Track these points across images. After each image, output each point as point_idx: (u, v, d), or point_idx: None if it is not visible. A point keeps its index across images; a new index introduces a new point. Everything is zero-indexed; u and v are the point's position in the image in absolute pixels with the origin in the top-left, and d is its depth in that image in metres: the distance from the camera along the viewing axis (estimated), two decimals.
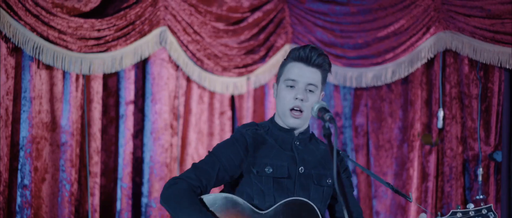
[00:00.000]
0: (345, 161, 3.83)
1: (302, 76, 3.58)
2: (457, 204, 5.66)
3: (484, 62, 5.66)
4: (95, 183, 5.68)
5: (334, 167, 2.90)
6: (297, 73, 3.60)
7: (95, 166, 5.70)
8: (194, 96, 6.18)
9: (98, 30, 5.54)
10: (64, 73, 5.53)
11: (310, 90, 3.59)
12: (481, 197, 5.66)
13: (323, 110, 3.28)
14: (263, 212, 3.47)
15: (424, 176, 5.99)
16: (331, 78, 6.28)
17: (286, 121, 3.62)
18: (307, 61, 3.61)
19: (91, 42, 5.52)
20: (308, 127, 3.76)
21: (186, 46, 5.98)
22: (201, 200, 3.46)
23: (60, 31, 5.36)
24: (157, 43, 5.87)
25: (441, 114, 5.91)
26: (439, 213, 3.49)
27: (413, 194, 5.97)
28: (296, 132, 3.68)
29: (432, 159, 5.96)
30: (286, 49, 6.41)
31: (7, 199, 5.22)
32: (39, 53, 5.27)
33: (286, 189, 3.56)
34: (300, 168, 3.61)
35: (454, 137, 5.86)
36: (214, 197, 3.47)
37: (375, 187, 6.24)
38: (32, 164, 5.30)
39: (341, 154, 3.72)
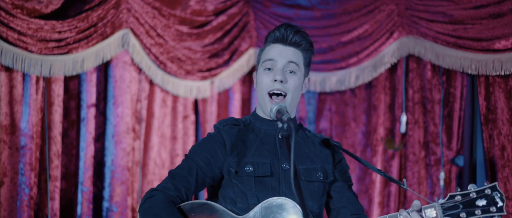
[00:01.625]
0: (340, 153, 3.49)
1: (280, 54, 3.31)
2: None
3: (446, 67, 5.71)
4: (55, 187, 5.60)
5: (291, 169, 2.79)
6: (274, 52, 3.32)
7: (56, 169, 5.62)
8: (157, 99, 6.14)
9: (59, 32, 5.48)
10: (24, 76, 5.45)
11: (291, 71, 3.31)
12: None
13: (281, 111, 3.11)
14: (241, 216, 3.23)
15: (386, 181, 6.02)
16: None
17: (267, 108, 3.32)
18: (283, 40, 3.33)
19: (52, 44, 5.46)
20: (295, 117, 3.48)
21: (149, 49, 5.95)
22: (179, 209, 3.22)
23: (20, 33, 5.29)
24: (120, 46, 5.82)
25: (404, 118, 5.94)
26: (436, 198, 3.16)
27: (376, 199, 5.99)
28: (280, 123, 3.25)
29: (395, 163, 5.99)
30: (250, 53, 6.40)
31: None
32: None
33: (271, 188, 3.27)
34: (283, 165, 3.30)
35: (416, 141, 5.89)
36: (190, 206, 3.24)
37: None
38: None
39: (334, 145, 3.45)
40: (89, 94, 5.83)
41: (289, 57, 3.31)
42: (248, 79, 6.56)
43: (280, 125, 3.22)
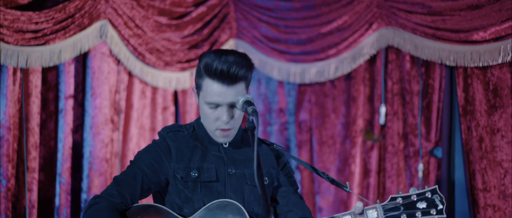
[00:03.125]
0: (285, 158, 3.54)
1: (225, 98, 3.20)
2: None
3: (425, 59, 5.73)
4: (33, 179, 5.60)
5: (255, 161, 2.82)
6: (217, 96, 3.20)
7: (33, 161, 5.61)
8: (136, 91, 6.13)
9: (36, 23, 5.46)
10: (1, 67, 5.44)
11: (234, 107, 3.25)
12: None
13: (247, 103, 3.11)
14: (184, 217, 3.27)
15: (366, 172, 6.04)
16: (275, 74, 6.29)
17: (215, 139, 3.34)
18: (228, 80, 3.18)
19: (28, 35, 5.44)
20: (239, 130, 3.46)
21: (127, 40, 5.93)
22: (124, 212, 3.23)
23: None
24: (97, 37, 5.81)
25: (383, 110, 5.96)
26: (378, 201, 3.21)
27: (355, 190, 6.01)
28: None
29: (374, 155, 6.01)
30: (230, 44, 6.39)
31: None
32: None
33: (217, 193, 3.29)
34: (229, 169, 3.33)
35: (395, 133, 5.91)
36: (136, 208, 3.26)
37: (318, 183, 6.26)
38: None
39: (278, 150, 3.48)
40: (67, 85, 5.82)
41: (233, 98, 3.20)
42: None
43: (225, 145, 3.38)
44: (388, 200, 3.18)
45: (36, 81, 5.64)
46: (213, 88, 3.19)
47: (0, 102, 5.45)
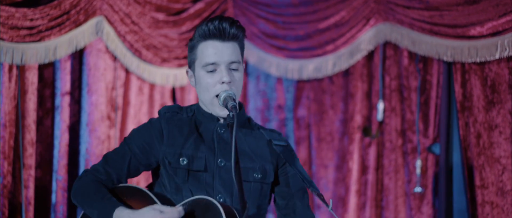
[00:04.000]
0: (287, 154, 3.31)
1: (222, 55, 3.15)
2: (396, 196, 5.69)
3: (422, 54, 5.71)
4: (29, 175, 5.61)
5: (233, 157, 2.77)
6: (214, 54, 3.15)
7: (30, 158, 5.62)
8: (133, 87, 6.13)
9: (31, 19, 5.47)
10: None
11: (233, 69, 3.19)
12: (419, 190, 5.69)
13: (229, 98, 3.06)
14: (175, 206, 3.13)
15: (364, 169, 6.02)
16: (273, 70, 6.27)
17: (216, 111, 3.23)
18: (221, 36, 3.15)
19: (23, 32, 5.45)
20: (242, 111, 3.36)
21: (124, 37, 5.93)
22: (113, 190, 3.18)
23: None
24: (93, 34, 5.81)
25: (381, 106, 5.94)
26: None
27: (353, 187, 5.99)
28: (222, 119, 3.27)
29: (372, 151, 5.99)
30: None
31: None
32: None
33: (205, 184, 3.18)
34: (219, 160, 3.21)
35: (393, 129, 5.89)
36: (124, 188, 3.21)
37: (316, 180, 6.24)
38: None
39: (282, 146, 3.30)
40: (64, 82, 5.83)
41: (230, 57, 3.17)
42: None
43: (221, 120, 3.27)
44: None
45: (32, 78, 5.65)
46: (209, 48, 3.16)
47: None
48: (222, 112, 3.20)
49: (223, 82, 3.15)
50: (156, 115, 6.17)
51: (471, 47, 5.41)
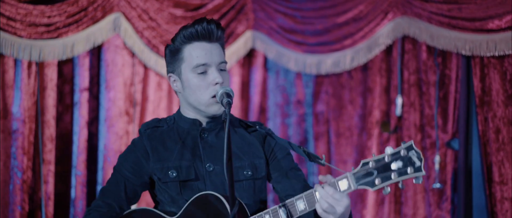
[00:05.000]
0: (271, 141, 3.36)
1: (211, 56, 3.19)
2: (415, 192, 5.66)
3: (441, 48, 5.67)
4: (49, 171, 5.72)
5: (225, 154, 2.77)
6: (204, 55, 3.18)
7: (49, 153, 5.73)
8: (151, 83, 6.18)
9: (49, 16, 5.57)
10: (16, 61, 5.57)
11: (222, 69, 3.22)
12: (438, 185, 5.65)
13: (226, 95, 3.08)
14: (174, 217, 3.21)
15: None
16: (292, 65, 6.28)
17: (211, 110, 3.22)
18: (209, 37, 3.20)
19: (41, 29, 5.55)
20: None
21: (142, 33, 5.98)
22: None
23: (8, 18, 5.41)
24: (111, 30, 5.88)
25: (399, 101, 5.91)
26: (353, 167, 2.95)
27: None
28: (204, 122, 3.30)
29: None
30: (247, 35, 6.39)
31: None
32: None
33: (198, 191, 3.19)
34: (207, 165, 3.24)
35: (412, 124, 5.86)
36: (128, 214, 3.29)
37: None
38: None
39: (263, 133, 3.34)
40: (82, 78, 5.92)
41: (219, 57, 3.21)
42: (247, 62, 6.55)
43: (203, 125, 3.30)
44: (359, 166, 2.88)
45: (51, 74, 5.75)
46: (197, 50, 3.19)
47: (15, 95, 5.58)
48: (220, 110, 3.20)
49: (216, 83, 3.17)
50: (175, 110, 6.25)
51: (489, 40, 5.37)
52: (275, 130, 6.45)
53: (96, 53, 6.02)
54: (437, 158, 5.71)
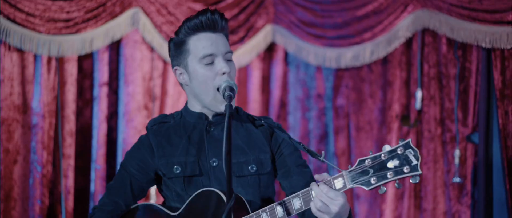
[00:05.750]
0: (279, 136, 3.31)
1: (217, 46, 3.17)
2: (435, 187, 5.63)
3: (461, 41, 5.65)
4: (69, 165, 5.81)
5: (224, 146, 2.78)
6: (210, 45, 3.16)
7: (69, 148, 5.82)
8: (171, 78, 6.22)
9: (67, 12, 5.65)
10: (35, 56, 5.65)
11: (229, 60, 3.21)
12: (458, 180, 5.62)
13: (229, 89, 3.06)
14: (176, 213, 3.21)
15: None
16: (311, 59, 6.28)
17: (218, 107, 3.21)
18: (214, 28, 3.19)
19: (60, 25, 5.63)
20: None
21: (160, 28, 6.03)
22: (125, 215, 3.30)
23: (27, 14, 5.49)
24: (130, 25, 5.93)
25: (419, 94, 5.88)
26: (349, 166, 2.89)
27: None
28: (211, 115, 3.29)
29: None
30: (268, 29, 6.40)
31: None
32: (6, 35, 5.43)
33: (202, 187, 3.18)
34: (211, 161, 3.22)
35: (432, 118, 5.84)
36: (132, 210, 3.33)
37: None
38: (2, 146, 5.43)
39: (271, 128, 3.30)
40: (101, 73, 6.00)
41: (225, 47, 3.20)
42: (268, 56, 6.56)
43: (210, 117, 3.28)
44: (355, 164, 2.85)
45: (71, 69, 5.83)
46: (203, 41, 3.18)
47: (35, 90, 5.67)
48: (223, 107, 3.16)
49: (223, 73, 3.15)
50: None
51: (510, 33, 5.35)
52: (295, 124, 6.47)
53: (115, 48, 6.08)
54: (457, 152, 5.68)
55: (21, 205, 5.59)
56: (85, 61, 5.98)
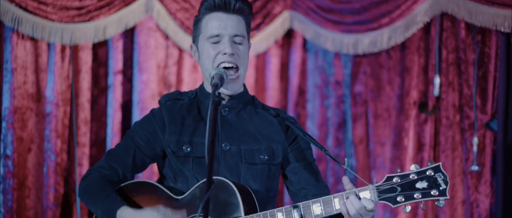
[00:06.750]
0: (294, 131, 3.34)
1: (225, 27, 3.21)
2: (453, 175, 5.56)
3: (480, 25, 5.54)
4: (83, 153, 5.86)
5: (207, 135, 2.78)
6: (218, 25, 3.21)
7: (84, 136, 5.87)
8: (186, 65, 6.22)
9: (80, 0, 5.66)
10: (49, 44, 5.70)
11: (237, 43, 3.23)
12: (476, 168, 5.53)
13: (216, 76, 3.10)
14: (180, 197, 3.20)
15: (419, 146, 5.90)
16: (329, 45, 6.23)
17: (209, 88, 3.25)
18: (226, 8, 3.22)
19: (72, 12, 5.67)
20: (245, 90, 3.39)
21: (175, 15, 6.03)
22: (119, 189, 3.28)
23: (39, 2, 5.55)
24: (143, 12, 5.95)
25: (437, 80, 5.79)
26: (374, 180, 2.93)
27: (408, 165, 5.88)
28: (226, 98, 3.30)
29: (428, 128, 5.89)
30: (285, 16, 6.37)
31: None
32: (18, 24, 5.48)
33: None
34: (223, 144, 3.24)
35: (450, 105, 5.75)
36: (131, 184, 3.30)
37: (373, 158, 6.17)
38: (15, 134, 5.49)
39: (286, 121, 3.34)
40: (115, 61, 6.03)
41: (234, 30, 3.21)
42: (286, 43, 6.53)
43: (224, 101, 3.28)
44: (383, 180, 2.89)
45: (86, 57, 5.87)
46: (213, 21, 3.23)
47: (48, 79, 5.72)
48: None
49: (225, 54, 3.19)
50: None
51: None
52: (314, 111, 6.44)
53: (129, 35, 6.10)
54: (475, 140, 5.59)
55: (35, 193, 5.66)
56: (100, 50, 6.01)
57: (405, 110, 6.01)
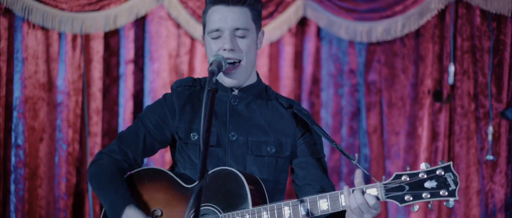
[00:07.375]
0: (307, 124, 3.29)
1: (225, 21, 3.15)
2: (468, 165, 5.51)
3: (494, 12, 5.47)
4: (95, 143, 5.88)
5: (202, 124, 2.77)
6: (218, 20, 3.15)
7: (95, 126, 5.89)
8: (198, 54, 6.21)
9: None
10: (60, 34, 5.72)
11: (240, 36, 3.17)
12: (491, 158, 5.48)
13: (214, 62, 3.05)
14: (190, 186, 3.18)
15: (434, 136, 5.85)
16: (342, 33, 6.19)
17: (220, 79, 3.23)
18: (226, 0, 3.15)
19: (83, 1, 5.69)
20: (258, 81, 3.34)
21: (186, 3, 6.02)
22: (130, 176, 3.28)
23: None
24: (154, 1, 5.94)
25: (452, 68, 5.74)
26: (383, 177, 2.89)
27: (422, 154, 5.84)
28: (236, 89, 3.28)
29: (442, 117, 5.84)
30: (298, 4, 6.33)
31: (2, 158, 5.51)
32: (28, 13, 5.50)
33: (217, 159, 3.20)
34: (231, 134, 3.23)
35: (465, 93, 5.71)
36: (143, 171, 3.31)
37: (387, 148, 6.13)
38: (26, 124, 5.52)
39: (299, 114, 3.28)
40: (127, 50, 6.04)
41: (235, 23, 3.14)
42: (300, 32, 6.49)
43: (235, 92, 3.27)
44: (391, 178, 2.84)
45: (97, 47, 5.89)
46: (214, 14, 3.18)
47: (60, 68, 5.74)
48: (227, 80, 3.21)
49: (224, 49, 3.14)
50: None
51: None
52: (328, 100, 6.40)
53: (141, 24, 6.10)
54: (490, 129, 5.54)
55: (47, 183, 5.70)
56: (112, 39, 6.02)
57: (419, 99, 5.97)
